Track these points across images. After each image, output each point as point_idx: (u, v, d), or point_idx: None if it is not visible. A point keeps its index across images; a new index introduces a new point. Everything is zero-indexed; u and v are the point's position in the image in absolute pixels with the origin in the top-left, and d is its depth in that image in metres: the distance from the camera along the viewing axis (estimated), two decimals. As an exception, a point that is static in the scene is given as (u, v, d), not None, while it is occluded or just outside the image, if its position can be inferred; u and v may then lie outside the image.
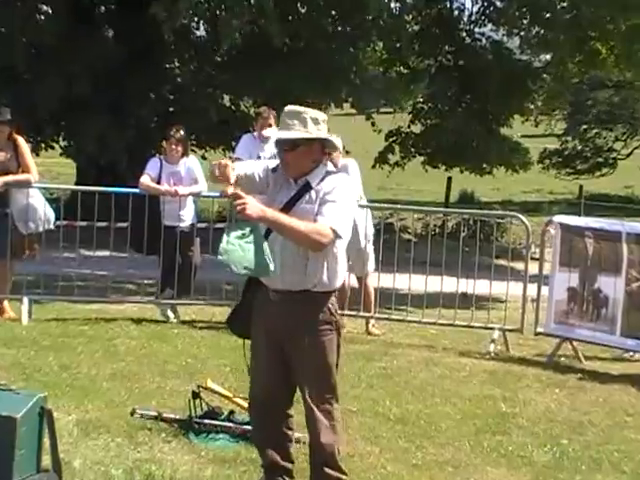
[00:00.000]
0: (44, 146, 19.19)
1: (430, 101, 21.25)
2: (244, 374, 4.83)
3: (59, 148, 19.98)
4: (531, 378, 7.74)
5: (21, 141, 8.90)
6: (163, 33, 15.29)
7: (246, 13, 15.13)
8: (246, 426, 5.41)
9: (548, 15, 17.29)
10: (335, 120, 22.80)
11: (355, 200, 4.63)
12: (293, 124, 4.43)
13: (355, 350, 8.21)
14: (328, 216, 4.34)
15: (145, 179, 9.25)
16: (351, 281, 9.39)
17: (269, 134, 4.75)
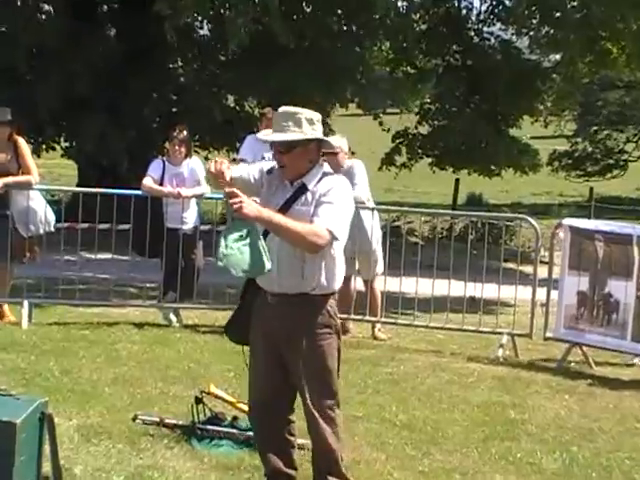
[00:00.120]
0: (45, 147, 19.12)
1: (438, 101, 21.16)
2: (248, 379, 4.78)
3: (60, 149, 19.95)
4: (540, 384, 7.68)
5: (22, 142, 8.86)
6: (166, 32, 15.20)
7: (250, 11, 15.05)
8: (250, 432, 5.35)
9: (558, 14, 17.17)
10: (340, 121, 22.86)
11: (353, 201, 4.56)
12: (288, 125, 4.39)
13: (361, 355, 8.22)
14: (324, 217, 4.30)
15: (147, 181, 9.20)
16: (357, 285, 9.36)
17: (263, 137, 4.65)
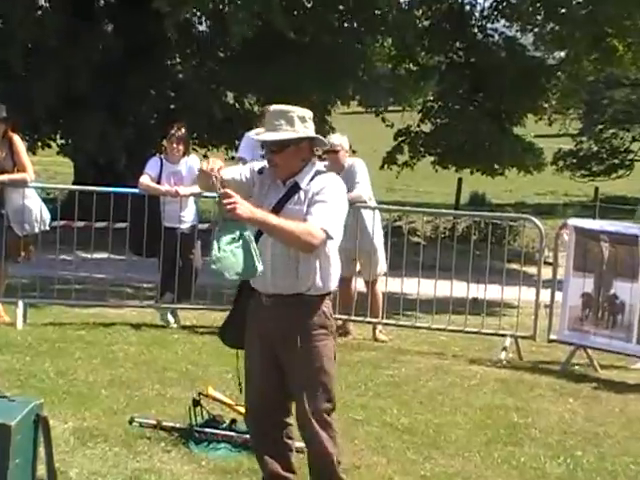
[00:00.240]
0: (41, 144, 19.05)
1: (440, 99, 21.05)
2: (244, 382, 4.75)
3: (56, 146, 19.90)
4: (544, 387, 7.64)
5: (17, 139, 8.80)
6: (165, 28, 15.15)
7: (252, 5, 14.95)
8: (248, 435, 5.29)
9: (563, 11, 17.16)
10: (342, 119, 22.74)
11: (347, 200, 4.50)
12: (280, 124, 4.34)
13: (362, 357, 8.23)
14: (318, 216, 4.25)
15: (145, 179, 9.16)
16: (358, 285, 9.35)
17: (256, 136, 4.58)
